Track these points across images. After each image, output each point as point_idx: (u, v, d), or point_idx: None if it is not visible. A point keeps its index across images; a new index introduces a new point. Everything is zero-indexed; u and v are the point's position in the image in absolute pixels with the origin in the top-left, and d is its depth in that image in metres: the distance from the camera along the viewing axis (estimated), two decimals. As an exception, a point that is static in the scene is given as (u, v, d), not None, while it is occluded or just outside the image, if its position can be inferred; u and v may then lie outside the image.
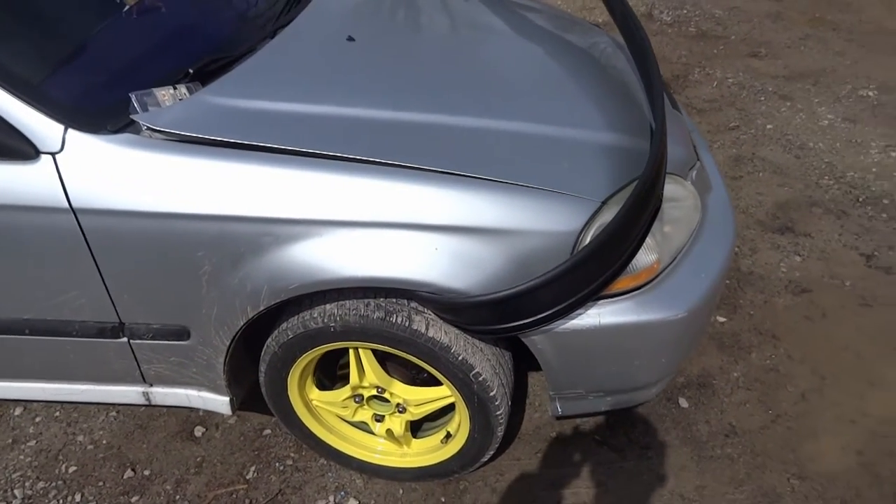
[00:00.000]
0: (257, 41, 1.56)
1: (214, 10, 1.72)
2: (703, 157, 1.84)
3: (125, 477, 1.70)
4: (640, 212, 1.26)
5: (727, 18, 4.42)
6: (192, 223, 1.24)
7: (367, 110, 1.38)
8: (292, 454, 1.75)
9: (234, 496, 1.66)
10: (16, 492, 1.67)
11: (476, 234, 1.25)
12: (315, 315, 1.36)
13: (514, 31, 1.93)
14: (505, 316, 1.27)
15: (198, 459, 1.74)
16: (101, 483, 1.69)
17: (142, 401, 1.58)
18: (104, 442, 1.79)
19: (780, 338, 2.06)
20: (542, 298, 1.25)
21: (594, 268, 1.25)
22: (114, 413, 1.87)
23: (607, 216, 1.29)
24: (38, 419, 1.85)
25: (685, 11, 4.55)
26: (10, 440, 1.80)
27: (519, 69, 1.70)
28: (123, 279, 1.31)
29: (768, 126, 3.16)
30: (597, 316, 1.34)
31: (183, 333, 1.39)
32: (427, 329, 1.33)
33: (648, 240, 1.37)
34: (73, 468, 1.73)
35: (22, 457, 1.76)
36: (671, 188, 1.50)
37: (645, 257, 1.38)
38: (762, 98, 3.41)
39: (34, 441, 1.80)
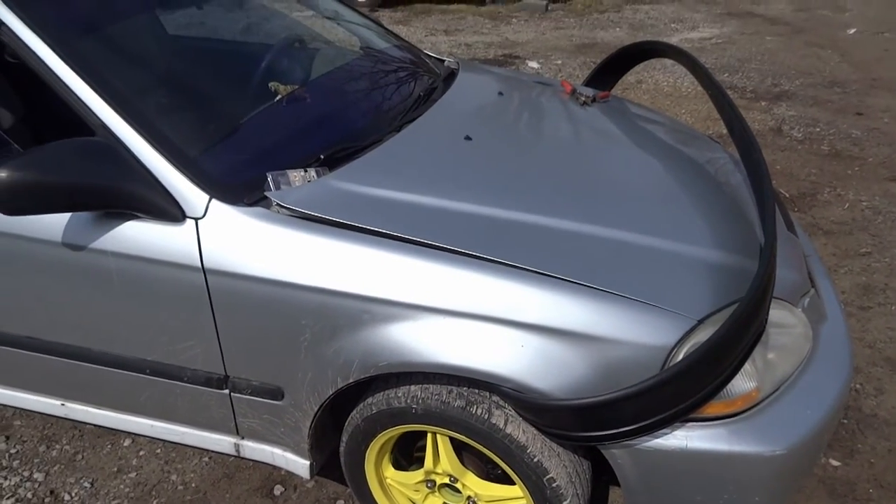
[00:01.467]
0: (385, 134, 1.71)
1: (351, 104, 1.91)
2: (821, 285, 1.75)
3: (205, 523, 1.79)
4: (739, 334, 1.22)
5: (865, 139, 4.23)
6: (301, 293, 1.35)
7: (475, 206, 1.46)
8: (361, 529, 1.76)
9: (300, 562, 1.68)
10: (110, 519, 1.80)
11: (565, 336, 1.26)
12: (400, 394, 1.41)
13: (630, 140, 1.98)
14: (585, 424, 1.26)
15: (272, 518, 1.80)
16: (183, 525, 1.79)
17: (232, 451, 1.67)
18: (193, 485, 1.90)
19: (905, 495, 1.83)
20: (626, 412, 1.23)
21: (684, 387, 1.21)
22: (206, 458, 1.98)
23: (703, 335, 1.26)
24: (141, 453, 2.01)
25: (818, 129, 4.41)
26: (116, 468, 1.96)
27: (631, 178, 1.73)
28: (235, 336, 1.44)
29: (906, 256, 2.93)
30: (684, 439, 1.28)
31: (278, 394, 1.48)
32: (506, 425, 1.33)
33: (748, 366, 1.32)
34: (162, 505, 1.84)
35: (122, 486, 1.90)
36: (779, 314, 1.44)
37: (743, 384, 1.32)
38: (900, 225, 3.18)
39: (135, 473, 1.94)
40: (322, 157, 1.56)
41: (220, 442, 1.67)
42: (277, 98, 1.76)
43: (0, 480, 1.92)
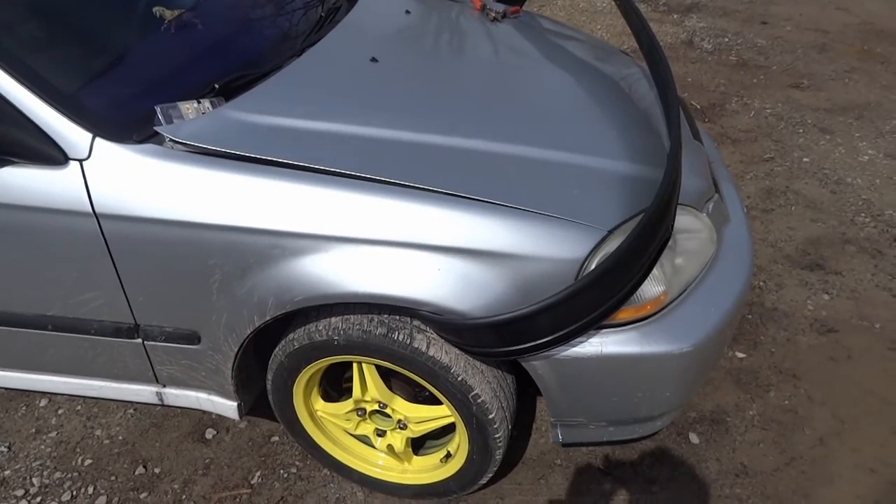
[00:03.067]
0: (284, 59, 1.61)
1: (246, 28, 1.79)
2: (726, 190, 1.82)
3: (136, 473, 1.76)
4: (647, 242, 1.26)
5: (770, 48, 4.35)
6: (205, 232, 1.28)
7: (383, 130, 1.41)
8: (297, 462, 1.78)
9: (238, 500, 1.69)
10: (34, 480, 1.74)
11: (480, 256, 1.27)
12: (321, 328, 1.39)
13: (542, 56, 1.95)
14: (505, 339, 1.28)
15: (206, 461, 1.79)
16: (113, 477, 1.75)
17: (155, 400, 1.63)
18: (120, 438, 1.85)
19: (801, 378, 2.00)
20: (543, 324, 1.26)
21: (596, 296, 1.25)
22: (131, 411, 1.93)
23: (613, 245, 1.29)
24: (60, 411, 1.93)
25: (727, 40, 4.50)
26: (34, 430, 1.88)
27: (542, 94, 1.71)
28: (140, 282, 1.37)
29: (805, 159, 3.09)
30: (599, 345, 1.34)
31: (194, 338, 1.44)
32: (428, 348, 1.35)
33: (656, 271, 1.37)
34: (89, 461, 1.79)
35: (43, 447, 1.83)
36: (685, 220, 1.49)
37: (651, 288, 1.37)
38: (801, 130, 3.34)
39: (55, 432, 1.87)
40: (217, 86, 1.46)
41: (141, 392, 1.62)
42: (164, 24, 1.62)
43: None
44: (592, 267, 1.28)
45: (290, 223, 1.27)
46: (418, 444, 1.68)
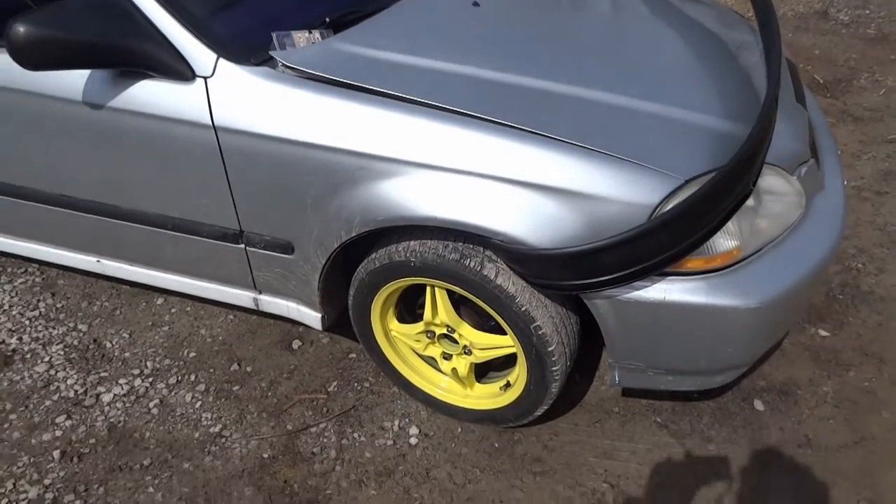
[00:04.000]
0: (391, 1, 1.71)
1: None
2: (828, 159, 1.76)
3: (231, 369, 1.98)
4: (721, 194, 1.27)
5: (916, 22, 3.97)
6: (305, 150, 1.42)
7: (474, 69, 1.48)
8: (370, 378, 1.93)
9: (315, 403, 1.87)
10: (147, 363, 2.01)
11: (555, 193, 1.32)
12: (400, 249, 1.51)
13: (649, 11, 1.93)
14: (569, 273, 1.34)
15: (291, 367, 1.98)
16: (212, 370, 1.98)
17: (252, 305, 1.82)
18: (220, 338, 2.08)
19: (888, 362, 1.91)
20: (607, 261, 1.30)
21: (662, 240, 1.28)
22: (231, 316, 2.16)
23: (688, 193, 1.30)
24: (173, 310, 2.19)
25: (868, 12, 4.14)
26: (150, 323, 2.15)
27: (644, 47, 1.71)
28: (247, 192, 1.53)
29: (934, 142, 2.85)
30: (663, 291, 1.37)
31: (288, 248, 1.60)
32: (496, 277, 1.43)
33: (731, 226, 1.37)
34: (193, 354, 2.03)
35: (157, 337, 2.10)
36: (773, 180, 1.47)
37: (725, 242, 1.38)
38: (935, 112, 3.07)
39: (167, 327, 2.13)
40: (327, 20, 1.58)
41: (240, 296, 1.82)
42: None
43: (50, 329, 2.14)
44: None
45: (379, 147, 1.38)
46: (481, 374, 1.78)
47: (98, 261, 1.95)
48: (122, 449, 1.78)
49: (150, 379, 1.96)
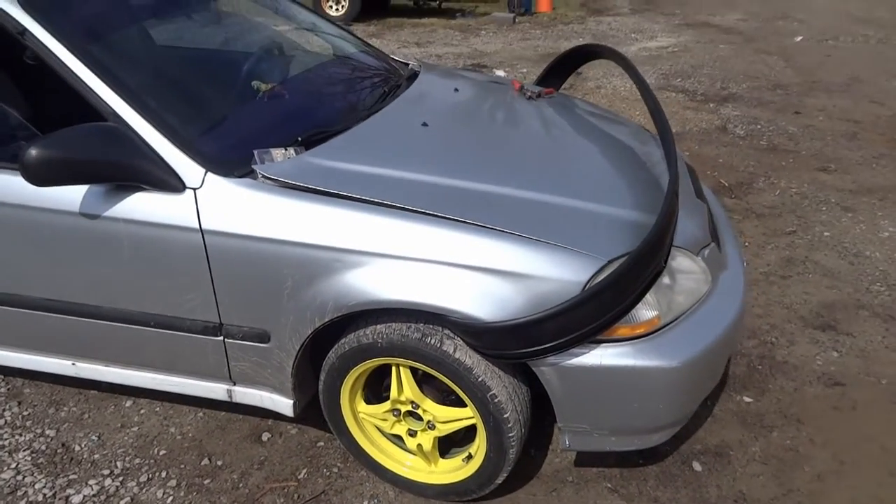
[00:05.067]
0: (353, 122, 2.01)
1: (324, 97, 2.22)
2: (729, 245, 2.08)
3: (202, 464, 2.04)
4: (639, 268, 1.53)
5: (801, 135, 4.62)
6: (284, 247, 1.63)
7: (427, 176, 1.76)
8: (339, 464, 2.03)
9: (286, 490, 1.94)
10: (118, 463, 2.05)
11: (500, 275, 1.56)
12: (367, 332, 1.69)
13: (567, 125, 2.31)
14: (515, 342, 1.55)
15: (261, 458, 2.06)
16: (182, 465, 2.04)
17: (225, 397, 1.93)
18: (190, 435, 2.15)
19: (805, 422, 2.15)
20: (547, 330, 1.52)
21: (593, 310, 1.51)
22: (201, 414, 2.24)
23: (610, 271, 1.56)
24: (142, 411, 2.25)
25: (759, 127, 4.79)
26: (120, 424, 2.20)
27: (565, 155, 2.05)
28: (228, 287, 1.71)
29: (826, 233, 3.29)
30: (599, 357, 1.59)
31: (265, 337, 1.76)
32: (455, 351, 1.62)
33: (651, 298, 1.62)
34: (164, 451, 2.09)
35: (126, 438, 2.15)
36: (682, 260, 1.76)
37: (646, 312, 1.63)
38: (824, 208, 3.55)
39: (137, 427, 2.19)
40: (300, 139, 1.85)
41: (215, 389, 1.93)
42: (260, 94, 2.05)
43: (17, 437, 2.16)
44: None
45: (350, 242, 1.60)
46: (443, 451, 1.91)
47: (73, 363, 2.04)
48: (92, 548, 1.79)
49: (121, 478, 2.00)
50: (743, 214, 3.52)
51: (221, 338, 1.80)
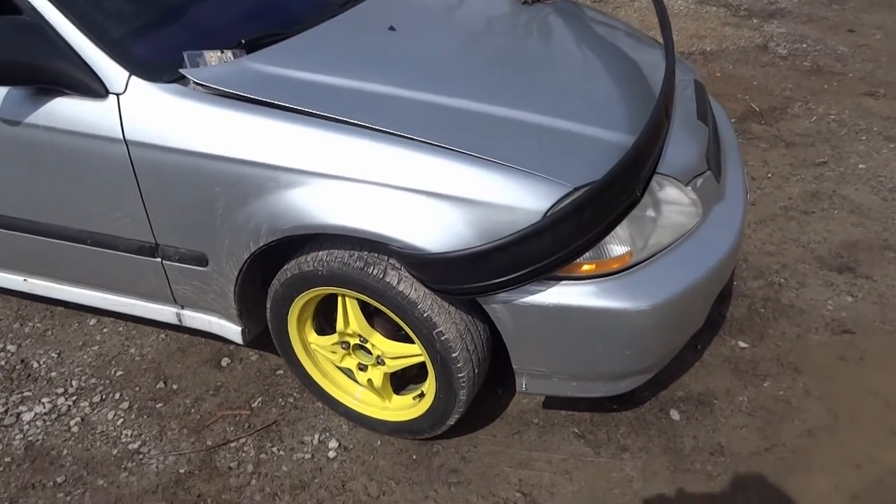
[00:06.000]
0: (307, 26, 1.78)
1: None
2: (732, 173, 1.84)
3: (157, 387, 1.98)
4: (603, 199, 1.33)
5: (850, 56, 4.16)
6: (215, 163, 1.47)
7: (381, 86, 1.55)
8: (295, 394, 1.94)
9: (238, 418, 1.88)
10: (73, 382, 2.00)
11: (450, 201, 1.38)
12: (308, 259, 1.55)
13: (562, 33, 2.03)
14: (462, 276, 1.38)
15: (217, 384, 1.99)
16: (137, 388, 1.98)
17: (175, 321, 1.84)
18: (150, 357, 2.09)
19: (803, 372, 1.96)
20: (497, 264, 1.35)
21: (550, 242, 1.33)
22: (163, 335, 2.16)
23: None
24: (105, 330, 2.20)
25: (804, 46, 4.33)
26: (81, 343, 2.15)
27: (546, 66, 1.80)
28: (159, 205, 1.57)
29: (861, 166, 2.97)
30: (557, 295, 1.41)
31: (202, 260, 1.63)
32: (398, 283, 1.47)
33: (623, 231, 1.43)
34: (120, 372, 2.04)
35: (86, 357, 2.10)
36: (670, 191, 1.55)
37: (616, 247, 1.43)
38: (863, 137, 3.19)
39: (98, 346, 2.13)
40: (243, 41, 1.64)
41: (163, 312, 1.84)
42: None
43: (-22, 351, 2.13)
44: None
45: (285, 158, 1.43)
46: (401, 386, 1.80)
47: (25, 279, 1.96)
48: (36, 467, 1.76)
49: (74, 397, 1.95)
50: (771, 142, 3.20)
51: (159, 259, 1.68)
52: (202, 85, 1.49)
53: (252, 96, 1.47)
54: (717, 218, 1.64)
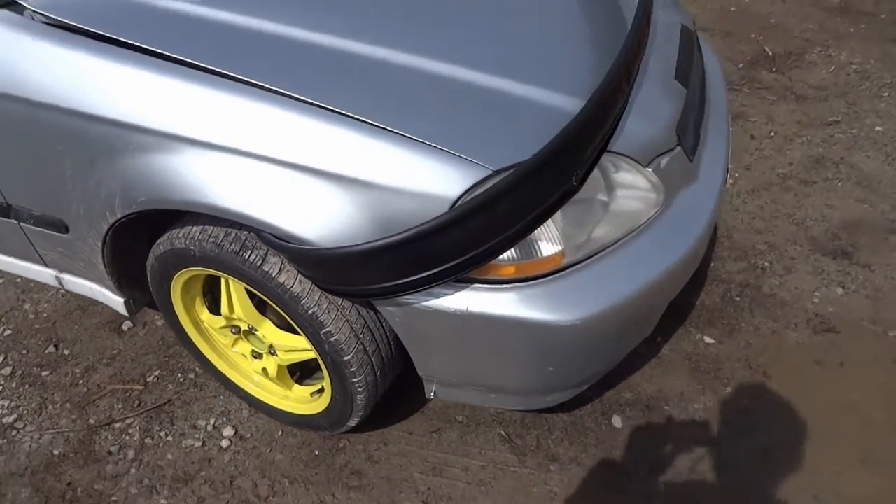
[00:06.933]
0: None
1: None
2: (712, 146, 1.54)
3: (46, 351, 1.78)
4: (531, 184, 1.05)
5: (888, -7, 3.67)
6: (54, 115, 1.18)
7: (274, 24, 1.23)
8: (197, 370, 1.73)
9: (129, 394, 1.68)
10: (-46, 341, 1.81)
11: (343, 182, 1.10)
12: (181, 235, 1.29)
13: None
14: (349, 276, 1.13)
15: (114, 352, 1.78)
16: (25, 351, 1.78)
17: (56, 284, 1.61)
18: (45, 315, 1.88)
19: (773, 378, 1.72)
20: (386, 263, 1.09)
21: (456, 240, 1.06)
22: (63, 292, 1.94)
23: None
24: (1, 281, 1.97)
25: (837, -21, 3.83)
26: (-29, 295, 1.94)
27: (507, 11, 1.44)
28: (2, 162, 1.30)
29: (877, 128, 2.61)
30: (466, 301, 1.16)
31: (61, 226, 1.37)
32: (279, 273, 1.22)
33: (553, 226, 1.15)
34: (9, 332, 1.83)
35: (-27, 311, 1.89)
36: (625, 174, 1.26)
37: (546, 245, 1.17)
38: (885, 94, 2.81)
39: (-12, 300, 1.92)
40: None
41: (42, 273, 1.60)
42: None
43: None
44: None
45: (135, 115, 1.14)
46: (309, 373, 1.59)
47: None
48: None
49: (-47, 359, 1.76)
50: (779, 94, 2.83)
51: (14, 221, 1.42)
52: (39, 13, 1.18)
53: (100, 31, 1.16)
54: (684, 206, 1.35)
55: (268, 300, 1.28)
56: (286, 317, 1.29)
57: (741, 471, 1.53)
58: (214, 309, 1.52)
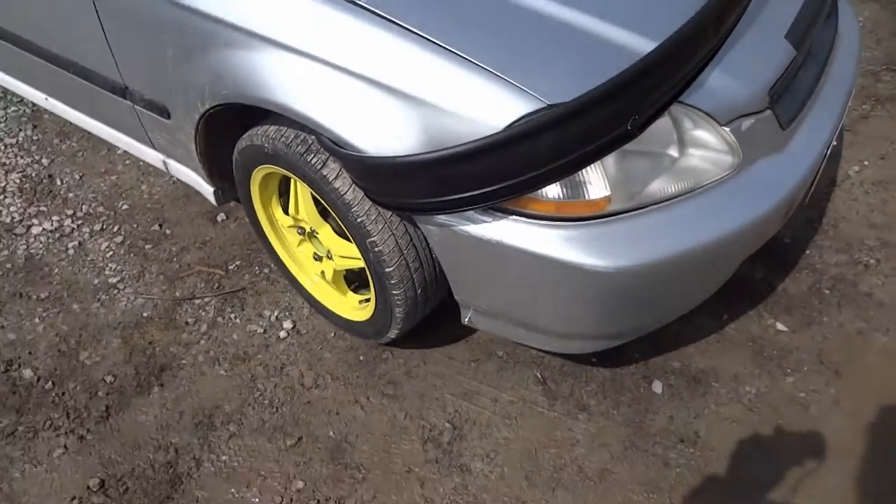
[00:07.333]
0: None
1: None
2: (818, 118, 1.41)
3: (152, 228, 2.01)
4: (579, 125, 1.04)
5: None
6: (162, 6, 1.31)
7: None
8: (272, 266, 1.88)
9: (211, 277, 1.87)
10: (83, 206, 2.08)
11: (401, 98, 1.14)
12: (260, 132, 1.39)
13: None
14: (389, 187, 1.18)
15: (206, 238, 1.98)
16: (136, 225, 2.02)
17: (162, 167, 1.80)
18: (156, 197, 2.11)
19: (843, 378, 1.60)
20: (429, 178, 1.13)
21: (490, 167, 1.08)
22: (176, 179, 2.16)
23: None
24: (127, 161, 2.23)
25: None
26: (103, 170, 2.21)
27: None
28: (120, 45, 1.46)
29: None
30: (499, 231, 1.17)
31: (164, 111, 1.53)
32: (335, 179, 1.29)
33: (604, 171, 1.13)
34: (126, 206, 2.08)
35: (102, 185, 2.15)
36: (700, 132, 1.21)
37: (592, 189, 1.15)
38: None
39: (116, 177, 2.18)
40: None
41: (150, 154, 1.80)
42: None
43: (19, 158, 2.25)
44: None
45: (227, 12, 1.24)
46: (363, 286, 1.68)
47: (46, 98, 1.99)
48: (29, 279, 1.88)
49: (80, 221, 2.03)
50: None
51: (130, 102, 1.60)
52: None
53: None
54: (759, 175, 1.27)
55: (326, 205, 1.36)
56: (340, 223, 1.37)
57: (776, 459, 1.45)
58: (287, 210, 1.64)
